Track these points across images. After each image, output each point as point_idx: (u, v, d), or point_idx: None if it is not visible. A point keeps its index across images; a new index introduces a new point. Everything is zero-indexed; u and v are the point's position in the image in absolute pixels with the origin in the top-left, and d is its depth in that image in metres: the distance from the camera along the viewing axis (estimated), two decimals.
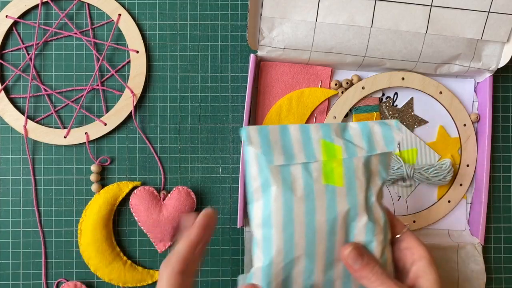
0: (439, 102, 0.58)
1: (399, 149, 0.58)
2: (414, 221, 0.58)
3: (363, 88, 0.57)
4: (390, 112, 0.58)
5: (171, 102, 0.58)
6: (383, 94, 0.58)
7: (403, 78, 0.56)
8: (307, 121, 0.57)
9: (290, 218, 0.38)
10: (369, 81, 0.57)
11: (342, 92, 0.57)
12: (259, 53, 0.56)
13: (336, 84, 0.57)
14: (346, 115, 0.58)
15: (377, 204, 0.40)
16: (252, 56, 0.55)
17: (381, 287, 0.38)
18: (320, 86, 0.57)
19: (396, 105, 0.59)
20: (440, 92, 0.57)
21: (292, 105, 0.57)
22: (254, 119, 0.58)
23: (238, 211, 0.56)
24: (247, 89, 0.55)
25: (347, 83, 0.57)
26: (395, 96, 0.58)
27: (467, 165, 0.58)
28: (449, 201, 0.58)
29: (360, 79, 0.58)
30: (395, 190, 0.59)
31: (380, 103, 0.58)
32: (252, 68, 0.55)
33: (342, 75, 0.58)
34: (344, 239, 0.39)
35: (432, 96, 0.57)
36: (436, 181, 0.57)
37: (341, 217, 0.38)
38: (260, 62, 0.57)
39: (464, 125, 0.58)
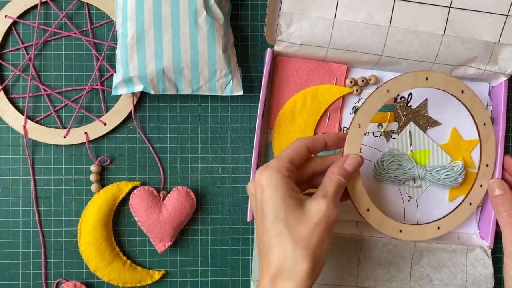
0: (460, 101, 0.55)
1: (412, 150, 0.58)
2: (438, 228, 0.56)
3: (387, 91, 0.52)
4: (404, 113, 0.58)
5: (171, 102, 0.58)
6: (398, 94, 0.58)
7: (426, 78, 0.53)
8: (321, 118, 0.57)
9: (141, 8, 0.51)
10: (394, 84, 0.52)
11: (357, 90, 0.57)
12: (276, 48, 0.55)
13: (351, 82, 0.57)
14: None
15: (216, 6, 0.52)
16: (268, 50, 0.55)
17: None
18: (335, 84, 0.57)
19: (410, 106, 0.58)
20: (462, 91, 0.54)
21: (306, 102, 0.56)
22: (268, 114, 0.57)
23: (249, 206, 0.55)
24: (262, 83, 0.55)
25: (362, 81, 0.57)
26: (410, 96, 0.58)
27: (487, 165, 0.56)
28: (470, 203, 0.56)
29: (377, 79, 0.57)
30: (406, 191, 0.58)
31: (394, 103, 0.58)
32: (268, 62, 0.55)
33: (358, 73, 0.58)
34: (188, 31, 0.51)
35: (454, 96, 0.54)
36: (448, 182, 0.56)
37: (183, 11, 0.51)
38: (276, 57, 0.57)
39: (484, 124, 0.55)
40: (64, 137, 0.56)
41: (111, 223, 0.57)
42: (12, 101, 0.57)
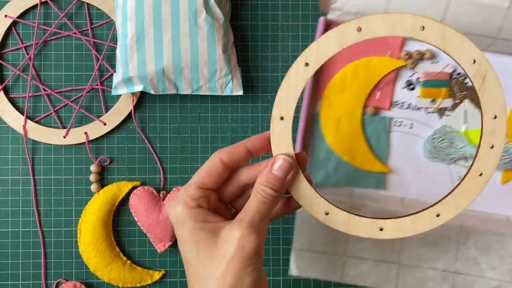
0: (428, 44, 0.38)
1: (466, 128, 0.56)
2: (438, 215, 0.41)
3: (306, 64, 0.39)
4: (460, 89, 0.56)
5: (171, 102, 0.58)
6: (455, 70, 0.56)
7: (359, 29, 0.38)
8: (372, 91, 0.55)
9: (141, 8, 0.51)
10: (313, 52, 0.39)
11: (412, 63, 0.55)
12: (330, 16, 0.54)
13: (406, 55, 0.55)
14: (413, 88, 0.56)
15: (216, 6, 0.52)
16: (321, 19, 0.54)
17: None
18: (390, 56, 0.55)
19: (467, 83, 0.56)
20: (422, 28, 0.37)
21: (357, 73, 0.54)
22: (317, 84, 0.56)
23: None
24: None
25: (418, 54, 0.55)
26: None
27: (494, 117, 0.42)
28: (480, 174, 0.41)
29: (432, 53, 0.55)
30: (456, 170, 0.56)
31: (450, 78, 0.56)
32: (320, 31, 0.53)
33: (413, 46, 0.56)
34: (188, 30, 0.52)
35: (412, 38, 0.38)
36: (502, 164, 0.54)
37: (183, 11, 0.51)
38: (329, 26, 0.55)
39: (474, 61, 0.39)
40: (64, 137, 0.56)
41: (111, 223, 0.56)
42: (12, 101, 0.57)
